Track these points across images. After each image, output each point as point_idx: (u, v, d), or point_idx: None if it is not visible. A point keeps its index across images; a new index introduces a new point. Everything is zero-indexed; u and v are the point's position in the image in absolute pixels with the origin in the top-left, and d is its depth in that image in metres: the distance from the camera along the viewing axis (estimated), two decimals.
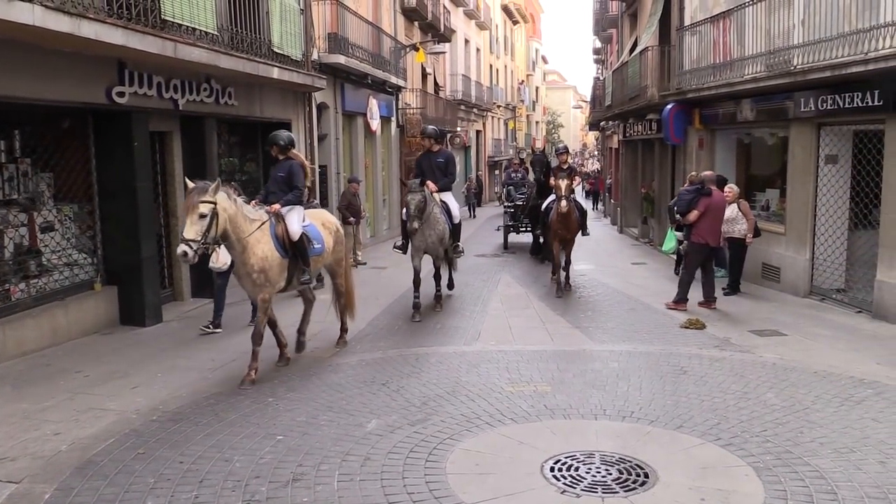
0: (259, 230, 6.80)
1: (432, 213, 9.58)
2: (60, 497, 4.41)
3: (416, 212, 9.13)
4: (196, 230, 6.09)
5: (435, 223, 9.68)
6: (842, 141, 10.78)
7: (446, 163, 10.32)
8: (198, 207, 6.12)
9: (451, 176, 10.44)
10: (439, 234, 9.79)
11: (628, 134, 22.76)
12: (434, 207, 9.65)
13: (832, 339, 8.50)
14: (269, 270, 6.83)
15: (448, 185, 10.36)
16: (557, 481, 4.59)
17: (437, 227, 9.73)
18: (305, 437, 5.35)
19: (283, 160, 7.65)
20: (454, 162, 10.69)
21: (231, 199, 6.52)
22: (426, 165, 10.19)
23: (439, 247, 9.94)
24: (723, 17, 13.30)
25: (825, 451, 5.03)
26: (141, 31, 8.10)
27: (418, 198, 9.16)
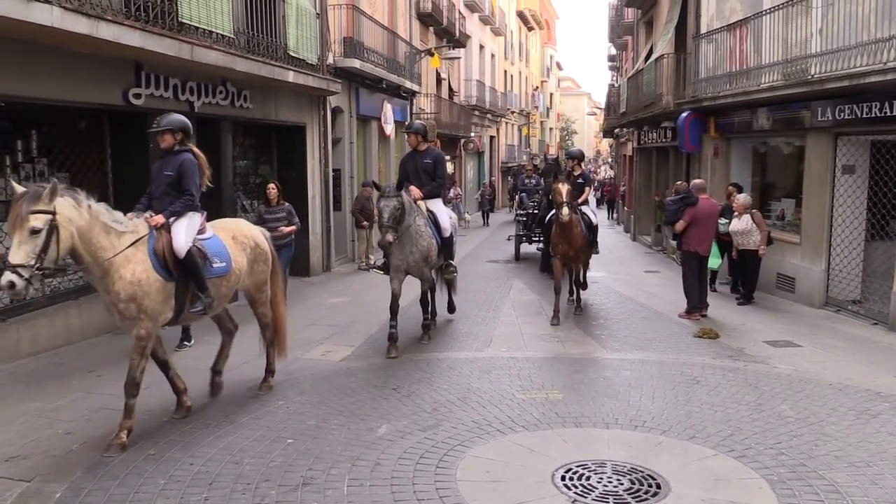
0: (132, 247, 5.33)
1: (414, 225, 8.01)
2: (71, 496, 4.42)
3: (390, 221, 7.56)
4: (26, 252, 4.66)
5: (417, 237, 8.07)
6: (859, 151, 10.68)
7: (434, 164, 8.69)
8: (28, 221, 4.66)
9: (441, 180, 8.86)
10: (423, 250, 8.14)
11: (643, 141, 22.67)
12: (417, 218, 8.10)
13: (848, 351, 8.40)
14: (144, 298, 5.27)
15: (437, 192, 8.83)
16: (568, 490, 4.55)
17: (419, 243, 8.10)
18: (316, 440, 5.34)
19: (172, 154, 6.03)
20: (444, 163, 9.11)
21: (81, 207, 5.07)
22: (411, 167, 8.76)
23: (424, 266, 8.24)
24: (739, 26, 13.23)
25: (840, 464, 4.97)
26: (158, 34, 8.16)
27: (392, 204, 7.59)
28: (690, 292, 10.16)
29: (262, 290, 6.54)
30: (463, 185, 31.19)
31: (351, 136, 16.80)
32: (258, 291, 6.53)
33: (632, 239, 24.44)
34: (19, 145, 8.21)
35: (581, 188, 10.34)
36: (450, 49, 26.22)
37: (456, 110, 28.16)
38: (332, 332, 9.02)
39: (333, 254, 15.35)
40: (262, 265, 6.45)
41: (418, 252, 8.11)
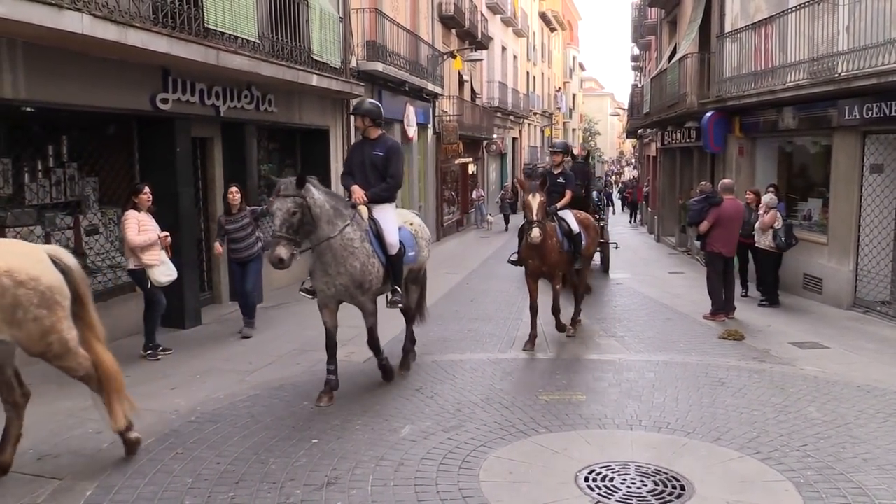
0: None
1: (340, 238, 6.12)
2: (101, 494, 4.50)
3: (284, 230, 5.71)
4: None
5: (345, 254, 6.16)
6: (888, 150, 10.53)
7: (387, 158, 6.69)
8: None
9: (394, 180, 6.75)
10: (354, 273, 6.21)
11: (666, 142, 22.51)
12: (348, 229, 6.17)
13: (876, 353, 8.29)
14: None
15: (386, 194, 6.71)
16: (592, 491, 4.55)
17: (349, 262, 6.17)
18: (340, 440, 5.39)
19: None
20: (400, 157, 6.87)
21: None
22: (356, 160, 6.82)
23: (359, 294, 6.33)
24: (764, 24, 13.11)
25: (869, 467, 4.91)
26: (185, 40, 8.28)
27: (286, 206, 5.73)
28: (715, 294, 10.08)
29: (45, 342, 4.47)
30: (486, 187, 31.19)
31: None
32: (37, 344, 4.46)
33: (655, 240, 24.28)
34: (50, 150, 8.38)
35: (561, 189, 9.03)
36: (472, 51, 26.24)
37: (478, 112, 28.18)
38: (355, 333, 9.03)
39: None
40: (35, 310, 4.36)
41: (347, 275, 6.18)
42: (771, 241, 10.93)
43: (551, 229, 8.22)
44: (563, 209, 8.88)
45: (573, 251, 8.70)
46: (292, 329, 9.31)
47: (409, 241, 6.90)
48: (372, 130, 6.84)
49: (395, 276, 6.68)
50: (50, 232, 8.25)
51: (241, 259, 9.05)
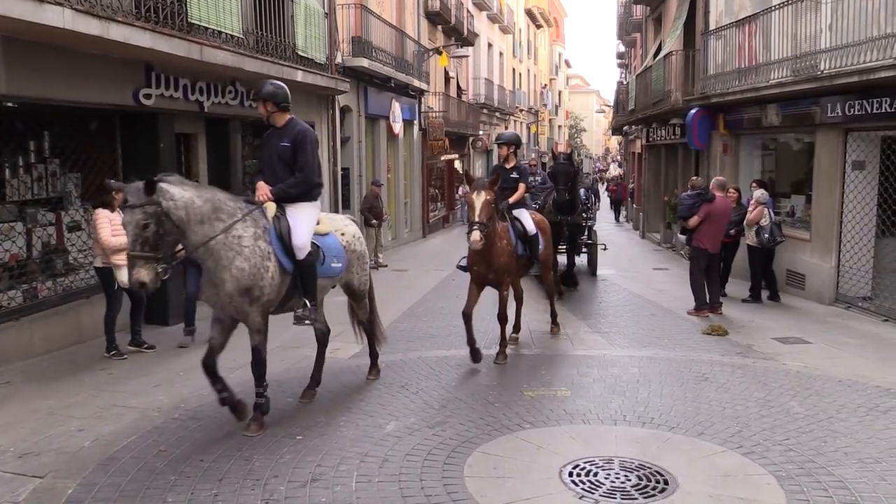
0: None
1: (227, 238, 5.24)
2: (83, 492, 4.47)
3: (139, 247, 4.85)
4: None
5: (230, 255, 5.23)
6: (869, 147, 10.63)
7: (294, 149, 5.72)
8: None
9: (303, 173, 5.72)
10: (242, 277, 5.25)
11: (651, 139, 22.62)
12: (239, 225, 5.31)
13: (858, 348, 8.37)
14: None
15: (294, 192, 5.71)
16: (576, 486, 4.56)
17: (234, 265, 5.22)
18: (324, 437, 5.38)
19: None
20: (311, 146, 5.80)
21: None
22: (265, 154, 5.92)
23: (245, 304, 5.34)
24: (748, 22, 13.19)
25: (849, 460, 4.96)
26: (168, 35, 8.22)
27: (136, 219, 4.82)
28: (698, 289, 10.14)
29: None
30: None
31: (359, 135, 16.86)
32: None
33: (640, 236, 24.40)
34: (32, 146, 8.29)
35: (514, 184, 8.15)
36: (458, 47, 26.24)
37: (464, 109, 28.18)
38: (341, 329, 9.01)
39: None
40: None
41: (232, 280, 5.22)
42: (755, 237, 11.02)
43: (502, 230, 7.36)
44: (519, 208, 8.04)
45: (528, 255, 7.87)
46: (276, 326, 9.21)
47: (333, 250, 6.00)
48: (278, 117, 5.83)
49: (305, 287, 5.68)
50: (31, 228, 8.17)
51: None
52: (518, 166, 8.56)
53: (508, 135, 8.89)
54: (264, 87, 5.86)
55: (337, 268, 6.09)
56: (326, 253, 5.93)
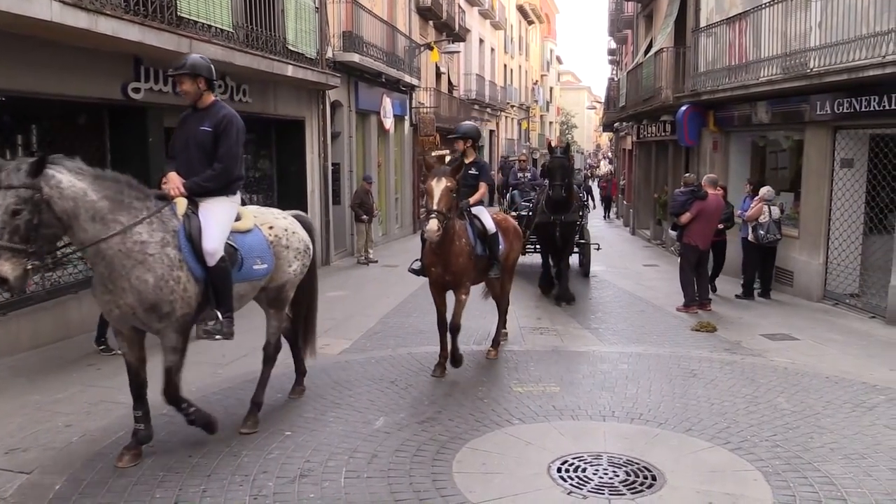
0: None
1: (129, 243, 4.51)
2: (70, 488, 4.45)
3: (7, 237, 4.05)
4: None
5: (129, 264, 4.51)
6: (858, 144, 10.70)
7: (215, 136, 5.00)
8: None
9: (223, 164, 5.01)
10: (146, 291, 4.54)
11: (642, 135, 22.68)
12: (142, 228, 4.58)
13: (845, 345, 8.44)
14: None
15: (210, 185, 4.98)
16: (564, 482, 4.58)
17: (133, 276, 4.52)
18: (313, 433, 5.37)
19: None
20: (234, 132, 5.06)
21: None
22: (181, 139, 5.20)
23: (154, 321, 4.66)
24: (739, 19, 13.23)
25: (835, 456, 5.00)
26: (157, 28, 8.18)
27: (7, 203, 4.06)
28: (687, 286, 10.19)
29: None
30: None
31: (350, 130, 16.81)
32: None
33: (631, 233, 24.47)
34: (19, 139, 8.23)
35: (475, 182, 7.40)
36: (449, 43, 26.18)
37: (455, 104, 28.14)
38: (331, 325, 9.04)
39: (333, 248, 15.38)
40: None
41: (133, 292, 4.52)
42: (752, 233, 11.06)
43: (461, 229, 6.73)
44: (478, 206, 7.31)
45: (488, 257, 7.16)
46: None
47: (257, 249, 5.22)
48: (202, 96, 5.09)
49: (217, 297, 4.91)
50: None
51: None
52: (478, 162, 7.61)
53: (466, 127, 7.78)
54: (191, 59, 5.10)
55: (261, 269, 5.28)
56: (247, 254, 5.12)
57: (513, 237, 7.84)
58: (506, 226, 7.80)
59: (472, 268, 6.90)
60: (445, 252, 6.64)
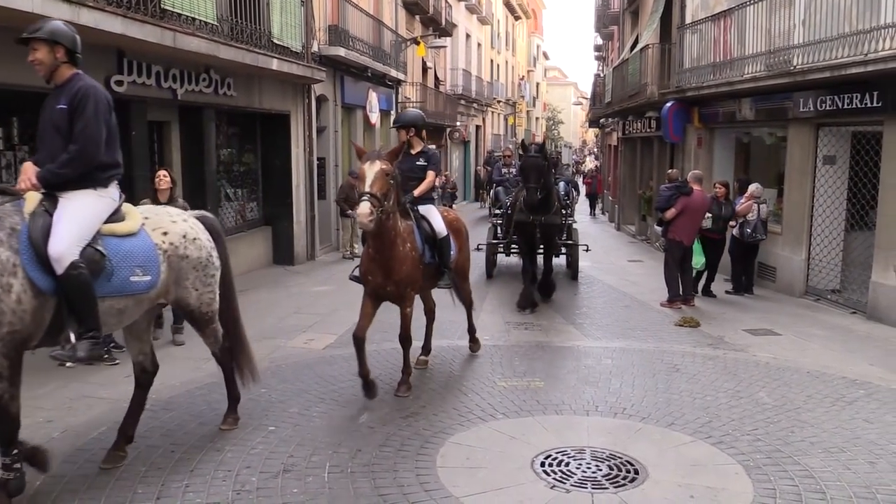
0: None
1: None
2: (52, 484, 4.41)
3: None
4: None
5: None
6: (840, 142, 10.79)
7: (71, 111, 4.28)
8: None
9: (81, 145, 4.23)
10: None
11: (627, 131, 22.76)
12: None
13: (826, 340, 8.52)
14: None
15: (67, 172, 4.20)
16: (548, 476, 4.60)
17: None
18: (297, 428, 5.36)
19: None
20: (91, 106, 4.30)
21: None
22: (41, 121, 4.48)
23: None
24: (723, 16, 13.29)
25: (815, 450, 5.05)
26: (140, 20, 8.10)
27: None
28: (671, 281, 10.24)
29: None
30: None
31: (336, 124, 16.75)
32: None
33: (616, 228, 24.56)
34: (0, 133, 8.14)
35: (421, 174, 6.62)
36: (436, 38, 26.13)
37: (442, 99, 28.09)
38: (316, 320, 9.02)
39: (318, 242, 15.33)
40: None
41: None
42: (737, 229, 11.14)
43: (406, 231, 5.98)
44: (426, 204, 6.56)
45: (440, 266, 6.45)
46: (252, 316, 9.13)
47: (138, 257, 4.40)
48: (60, 70, 4.37)
49: (77, 315, 4.09)
50: None
51: None
52: (426, 152, 6.80)
53: (410, 115, 7.02)
54: (52, 24, 4.37)
55: (141, 283, 4.39)
56: (121, 262, 4.29)
57: (464, 239, 7.26)
58: (457, 226, 7.06)
59: (418, 277, 6.14)
60: (386, 258, 5.83)
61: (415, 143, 6.77)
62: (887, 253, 9.21)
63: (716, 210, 10.80)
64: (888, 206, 9.27)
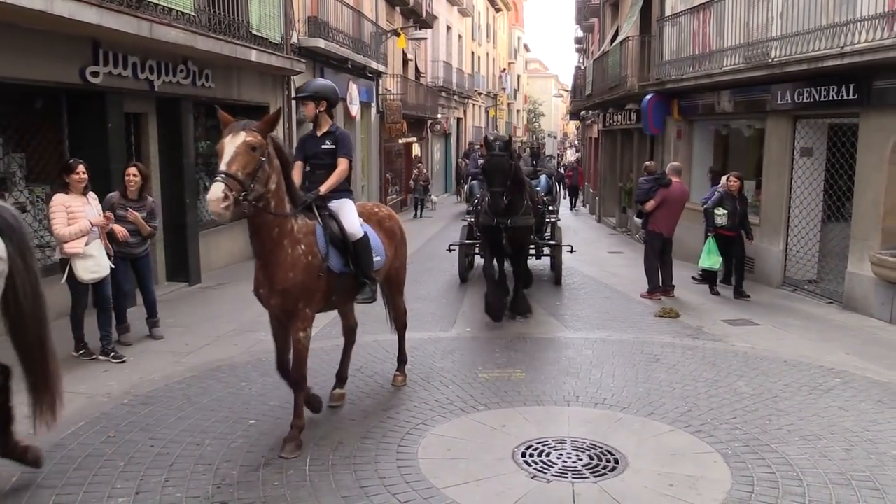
0: None
1: None
2: (28, 480, 4.36)
3: None
4: None
5: None
6: (817, 134, 10.90)
7: None
8: None
9: None
10: None
11: (608, 123, 22.84)
12: None
13: (803, 329, 8.62)
14: None
15: None
16: (528, 466, 4.62)
17: None
18: (278, 421, 5.34)
19: None
20: None
21: None
22: None
23: None
24: (703, 9, 13.35)
25: (792, 438, 5.11)
26: (116, 10, 7.99)
27: None
28: (651, 272, 10.31)
29: None
30: (430, 167, 31.11)
31: None
32: None
33: (597, 220, 24.67)
34: None
35: (329, 159, 5.35)
36: (416, 29, 26.04)
37: (423, 91, 28.03)
38: None
39: None
40: None
41: None
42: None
43: (303, 230, 4.82)
44: (340, 198, 5.31)
45: (356, 271, 5.22)
46: (231, 310, 9.16)
47: None
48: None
49: None
50: None
51: (133, 255, 7.40)
52: (334, 132, 5.42)
53: (318, 84, 5.57)
54: None
55: None
56: None
57: (399, 243, 6.01)
58: (389, 227, 5.84)
59: (316, 289, 4.89)
60: (268, 263, 4.72)
61: (322, 120, 5.42)
62: (863, 244, 9.33)
63: (729, 206, 10.19)
64: (863, 198, 9.38)
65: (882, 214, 9.05)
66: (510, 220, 8.49)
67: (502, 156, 8.17)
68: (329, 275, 4.99)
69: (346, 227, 5.20)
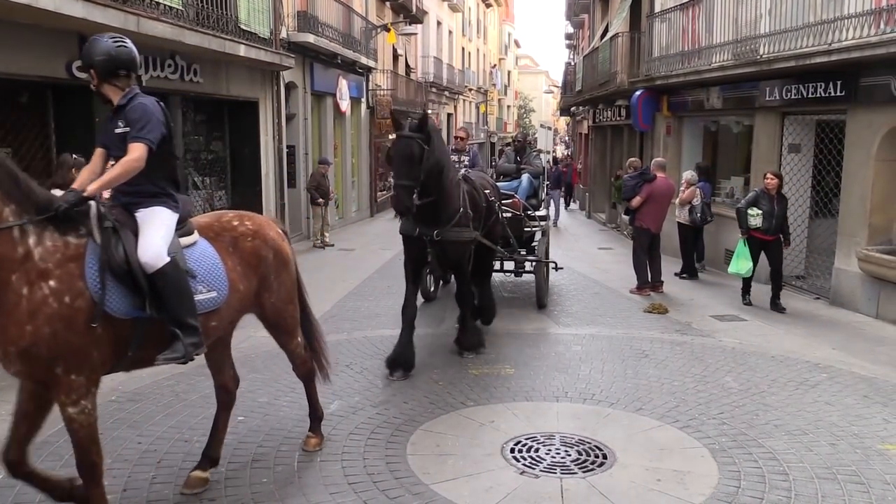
0: None
1: None
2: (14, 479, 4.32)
3: None
4: None
5: None
6: (805, 130, 10.96)
7: None
8: None
9: None
10: None
11: (598, 120, 22.89)
12: None
13: (790, 325, 8.67)
14: None
15: None
16: (517, 462, 4.63)
17: None
18: (266, 418, 5.33)
19: None
20: None
21: None
22: None
23: None
24: (692, 5, 13.39)
25: (779, 433, 5.15)
26: (102, 5, 7.93)
27: None
28: (640, 268, 10.34)
29: None
30: None
31: (305, 112, 16.60)
32: None
33: (586, 216, 24.72)
34: None
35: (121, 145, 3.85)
36: (406, 25, 25.99)
37: (413, 87, 27.98)
38: None
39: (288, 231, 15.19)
40: None
41: None
42: (687, 216, 11.38)
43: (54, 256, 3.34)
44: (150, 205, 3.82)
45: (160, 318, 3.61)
46: None
47: None
48: None
49: None
50: None
51: None
52: (124, 105, 3.91)
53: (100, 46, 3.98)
54: None
55: None
56: None
57: (271, 268, 4.29)
58: (251, 245, 4.21)
59: (79, 346, 3.35)
60: None
61: (111, 91, 3.94)
62: (850, 240, 9.39)
63: (766, 206, 9.21)
64: (851, 194, 9.44)
65: (869, 210, 9.11)
66: (436, 233, 6.45)
67: (411, 138, 6.03)
68: (111, 322, 3.44)
69: (135, 251, 3.54)
